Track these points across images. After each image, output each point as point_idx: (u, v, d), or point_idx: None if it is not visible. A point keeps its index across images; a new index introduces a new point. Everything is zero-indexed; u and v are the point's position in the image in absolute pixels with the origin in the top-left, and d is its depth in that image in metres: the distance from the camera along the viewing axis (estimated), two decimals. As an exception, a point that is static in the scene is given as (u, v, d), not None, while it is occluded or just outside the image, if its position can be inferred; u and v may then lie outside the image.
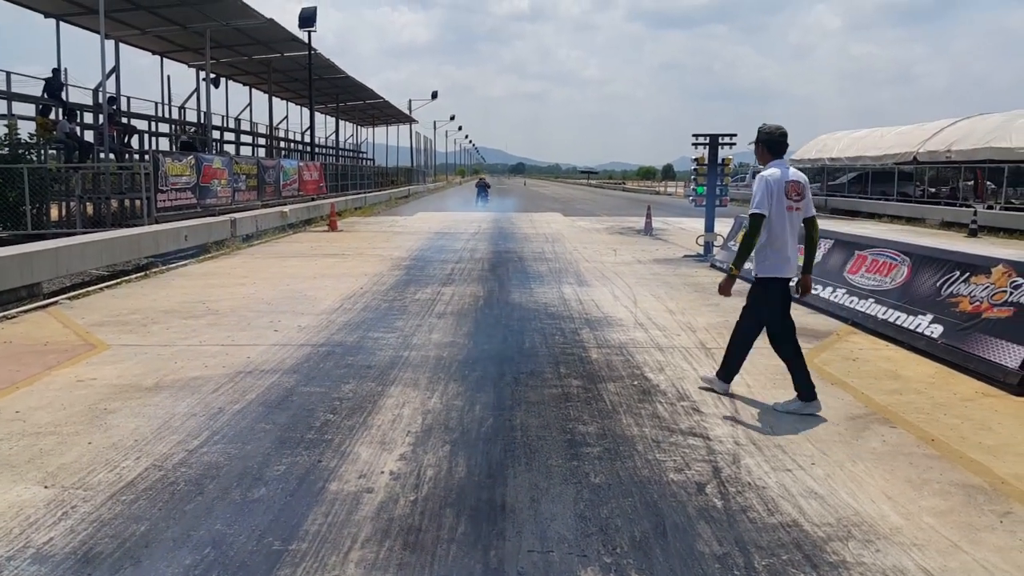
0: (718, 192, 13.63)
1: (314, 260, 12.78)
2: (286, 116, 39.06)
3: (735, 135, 13.20)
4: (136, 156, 20.20)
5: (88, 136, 18.83)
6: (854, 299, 7.87)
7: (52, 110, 18.25)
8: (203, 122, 24.88)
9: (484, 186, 36.18)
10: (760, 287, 4.96)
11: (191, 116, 27.18)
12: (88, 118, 19.93)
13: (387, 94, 46.99)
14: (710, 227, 13.70)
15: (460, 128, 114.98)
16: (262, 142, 34.93)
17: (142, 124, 23.36)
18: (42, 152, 16.68)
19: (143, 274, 10.74)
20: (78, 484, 3.61)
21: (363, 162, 53.43)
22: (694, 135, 13.68)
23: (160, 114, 25.31)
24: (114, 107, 19.20)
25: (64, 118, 17.67)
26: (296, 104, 39.85)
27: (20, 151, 15.07)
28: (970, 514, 3.41)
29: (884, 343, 6.84)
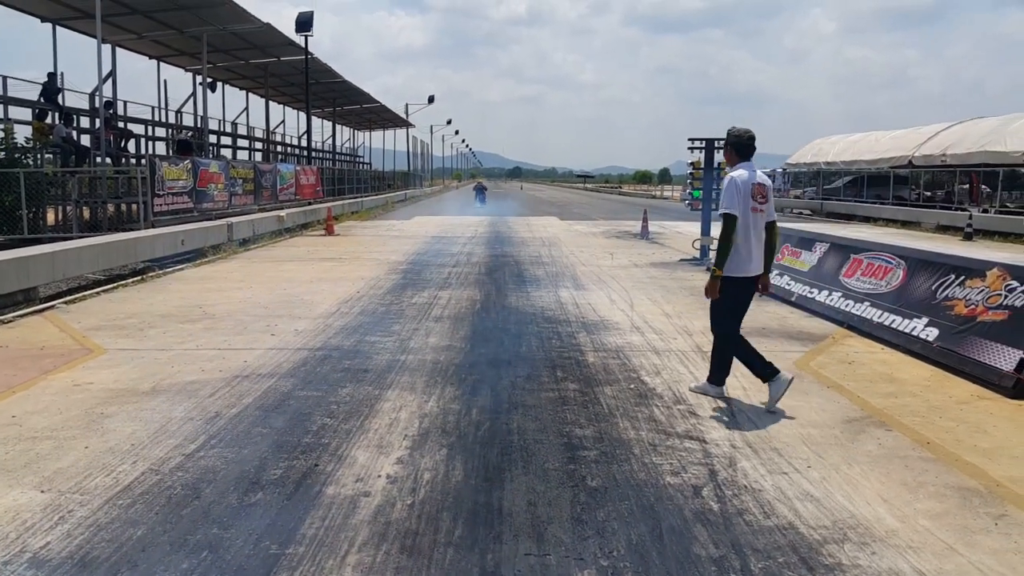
0: (714, 196, 13.65)
1: (311, 264, 12.79)
2: (283, 120, 39.04)
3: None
4: (133, 160, 20.19)
5: (85, 140, 18.81)
6: (850, 302, 7.90)
7: (49, 114, 18.20)
8: (200, 126, 24.87)
9: (482, 188, 41.70)
10: (723, 285, 5.04)
11: (188, 120, 27.19)
12: (85, 122, 19.90)
13: (384, 98, 47.09)
14: (706, 231, 13.72)
15: (457, 132, 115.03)
16: (259, 146, 34.90)
17: (139, 128, 23.34)
18: (38, 156, 16.66)
19: (140, 278, 10.73)
20: (75, 488, 3.61)
21: (360, 166, 53.42)
22: (690, 139, 13.72)
23: (157, 118, 25.29)
24: (111, 111, 19.18)
25: (61, 122, 17.63)
26: (293, 108, 39.85)
27: (16, 155, 15.06)
28: (965, 517, 3.42)
29: (880, 346, 6.86)
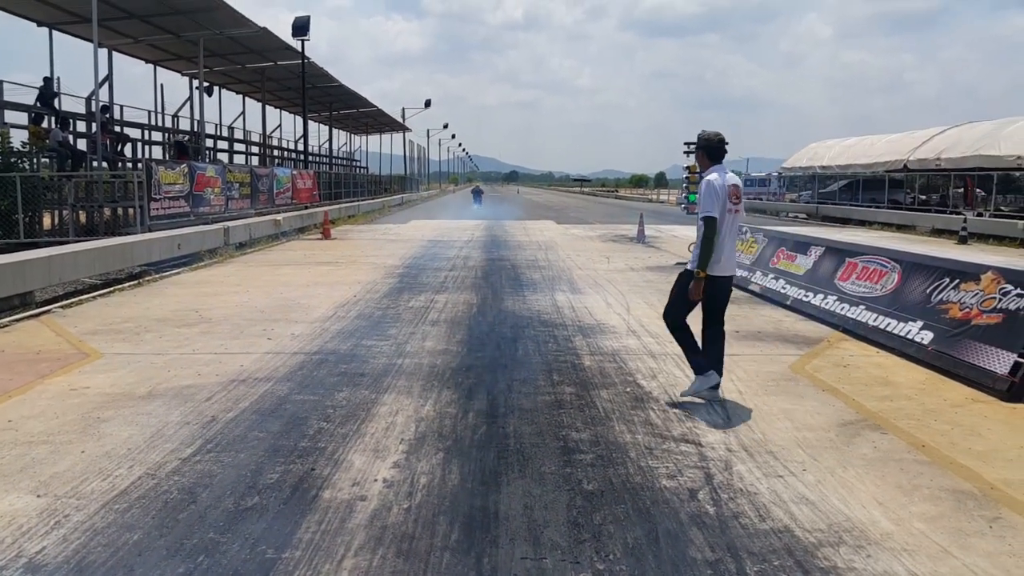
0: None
1: (307, 268, 12.79)
2: (279, 124, 39.05)
3: (727, 143, 13.30)
4: (129, 164, 20.18)
5: (81, 145, 18.81)
6: (845, 306, 7.92)
7: (45, 119, 18.19)
8: (196, 130, 24.86)
9: (479, 191, 46.30)
10: (688, 278, 5.13)
11: (184, 124, 27.20)
12: (81, 127, 19.89)
13: (380, 103, 47.15)
14: (703, 235, 13.74)
15: (453, 136, 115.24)
16: (255, 150, 34.90)
17: (135, 132, 23.33)
18: (35, 161, 16.64)
19: (136, 282, 10.72)
20: (71, 493, 3.60)
21: (356, 170, 53.44)
22: (686, 143, 13.75)
23: (153, 123, 25.29)
24: (107, 116, 19.18)
25: (57, 127, 17.63)
26: (290, 112, 39.89)
27: (13, 160, 15.03)
28: (960, 519, 3.44)
29: (875, 349, 6.88)
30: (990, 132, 24.33)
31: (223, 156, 29.62)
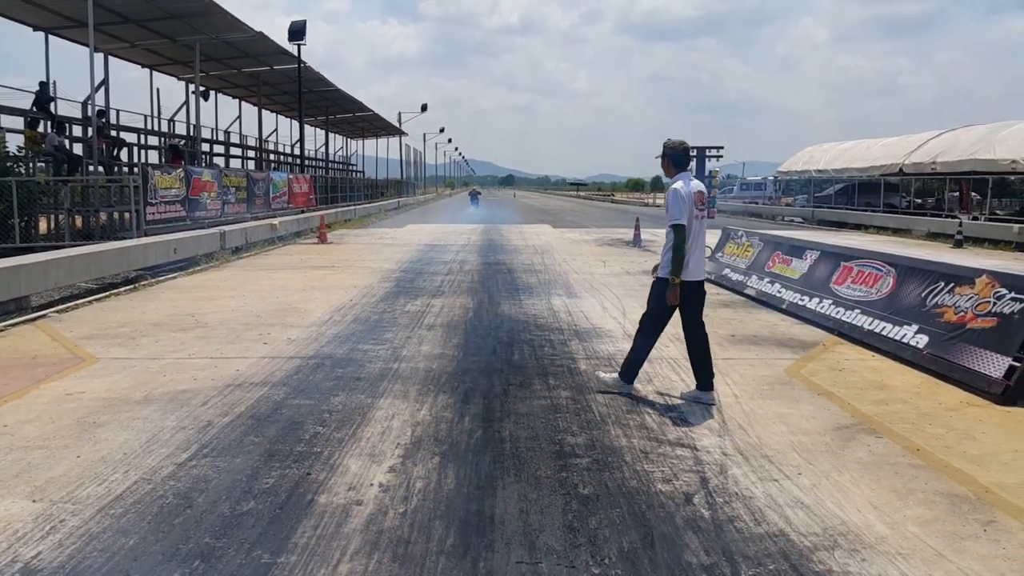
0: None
1: (304, 272, 12.78)
2: (276, 129, 39.23)
3: (722, 147, 13.35)
4: (125, 169, 20.15)
5: (77, 149, 18.77)
6: (840, 310, 7.94)
7: (41, 123, 18.18)
8: (193, 135, 24.85)
9: (476, 194, 49.27)
10: (662, 286, 5.25)
11: (180, 129, 27.17)
12: (77, 131, 19.87)
13: (377, 107, 47.30)
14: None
15: (450, 140, 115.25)
16: (252, 155, 34.90)
17: (131, 137, 23.32)
18: (31, 165, 16.62)
19: (132, 287, 10.71)
20: (66, 498, 3.60)
21: (353, 174, 53.45)
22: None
23: (149, 127, 25.28)
24: (103, 120, 19.15)
25: (53, 131, 17.61)
26: (286, 117, 39.86)
27: (9, 164, 15.00)
28: (954, 523, 3.45)
29: (870, 353, 6.90)
30: (985, 136, 24.42)
31: (219, 160, 29.61)
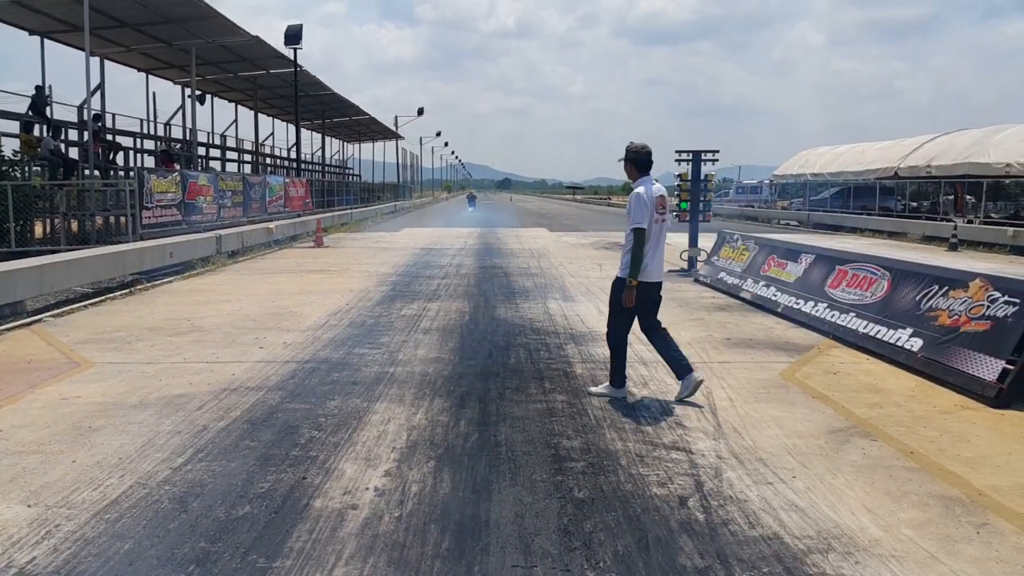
0: (701, 207, 13.75)
1: (300, 276, 12.78)
2: (272, 132, 39.06)
3: (718, 151, 13.34)
4: (121, 173, 20.14)
5: (73, 153, 18.76)
6: (835, 313, 7.97)
7: (36, 127, 18.16)
8: (189, 139, 24.84)
9: (473, 197, 52.22)
10: (621, 286, 5.34)
11: (177, 133, 27.17)
12: (73, 135, 19.85)
13: (373, 110, 47.28)
14: (694, 242, 13.80)
15: (446, 144, 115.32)
16: (248, 158, 34.88)
17: (127, 141, 23.29)
18: (26, 169, 16.61)
19: (128, 291, 10.70)
20: (62, 503, 3.60)
21: (349, 178, 53.45)
22: (677, 151, 13.81)
23: (145, 131, 25.25)
24: (99, 124, 19.13)
25: (49, 135, 17.60)
26: (282, 120, 39.87)
27: (4, 168, 14.99)
28: (948, 525, 3.47)
29: (865, 357, 6.92)
30: (980, 140, 24.53)
31: (215, 164, 29.61)
